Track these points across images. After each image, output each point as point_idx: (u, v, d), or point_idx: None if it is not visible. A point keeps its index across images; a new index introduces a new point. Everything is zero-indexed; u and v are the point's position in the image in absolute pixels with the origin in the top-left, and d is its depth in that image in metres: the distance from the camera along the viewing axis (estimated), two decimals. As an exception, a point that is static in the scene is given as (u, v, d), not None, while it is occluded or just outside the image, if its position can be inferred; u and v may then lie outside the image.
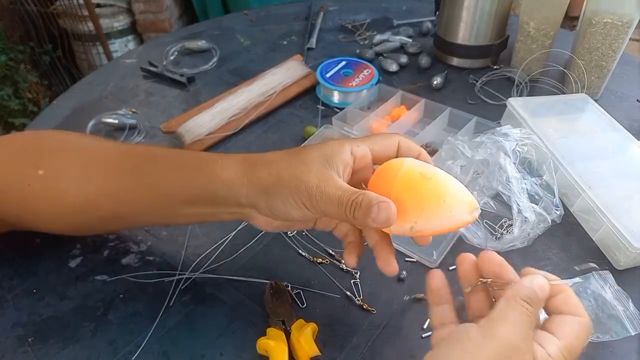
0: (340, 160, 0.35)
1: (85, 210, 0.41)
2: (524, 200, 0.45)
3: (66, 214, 0.42)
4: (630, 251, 0.44)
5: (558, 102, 0.63)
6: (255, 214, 0.38)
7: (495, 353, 0.27)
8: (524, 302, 0.29)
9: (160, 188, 0.40)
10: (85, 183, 0.40)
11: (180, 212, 0.40)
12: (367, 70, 0.71)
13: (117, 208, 0.41)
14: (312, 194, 0.34)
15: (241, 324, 0.43)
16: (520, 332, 0.28)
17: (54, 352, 0.41)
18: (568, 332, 0.29)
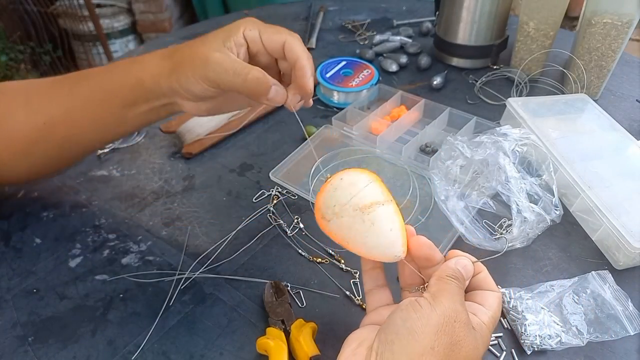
0: (234, 40, 0.40)
1: (40, 141, 0.44)
2: (523, 200, 0.45)
3: (23, 150, 0.44)
4: (630, 251, 0.44)
5: (557, 102, 0.63)
6: (181, 101, 0.42)
7: (444, 317, 0.31)
8: (451, 279, 0.34)
9: (98, 99, 0.44)
10: (32, 115, 0.43)
11: (124, 116, 0.44)
12: (367, 70, 0.71)
13: (68, 131, 0.44)
14: (209, 67, 0.38)
15: (241, 324, 0.43)
16: (457, 300, 0.32)
17: (54, 351, 0.41)
18: (492, 303, 0.34)
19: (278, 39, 0.40)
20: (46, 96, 0.44)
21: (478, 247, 0.45)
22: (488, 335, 0.33)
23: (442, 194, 0.47)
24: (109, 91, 0.43)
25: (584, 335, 0.41)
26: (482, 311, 0.34)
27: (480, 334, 0.32)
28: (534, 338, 0.40)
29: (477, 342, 0.32)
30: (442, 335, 0.31)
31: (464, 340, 0.31)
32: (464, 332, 0.31)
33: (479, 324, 0.33)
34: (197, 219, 0.53)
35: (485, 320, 0.33)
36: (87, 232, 0.52)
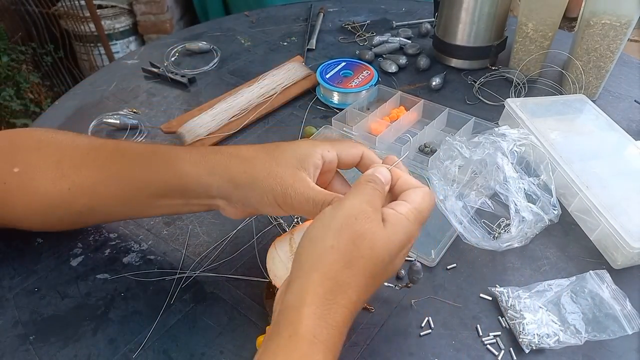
0: (312, 163, 0.38)
1: (61, 206, 0.43)
2: (522, 200, 0.45)
3: (42, 210, 0.44)
4: (628, 251, 0.45)
5: (556, 102, 0.64)
6: (226, 205, 0.41)
7: (343, 217, 0.32)
8: (367, 181, 0.35)
9: (130, 182, 0.41)
10: (59, 179, 0.42)
11: (152, 204, 0.42)
12: (367, 71, 0.71)
13: (91, 202, 0.43)
14: (287, 193, 0.37)
15: (241, 323, 0.43)
16: (363, 199, 0.33)
17: (55, 350, 0.42)
18: (414, 197, 0.36)
19: (355, 153, 0.41)
20: (78, 164, 0.42)
21: (476, 247, 0.46)
22: (408, 225, 0.34)
23: (441, 193, 0.48)
24: (140, 179, 0.41)
25: (582, 335, 0.41)
26: (401, 204, 0.35)
27: (393, 225, 0.33)
28: (532, 337, 0.41)
29: (388, 233, 0.33)
30: (343, 232, 0.32)
31: (368, 233, 0.32)
32: (367, 225, 0.32)
33: (394, 214, 0.34)
34: (197, 218, 0.54)
35: (403, 210, 0.34)
36: (88, 232, 0.52)
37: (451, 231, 0.50)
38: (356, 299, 0.32)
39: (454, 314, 0.44)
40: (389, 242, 0.33)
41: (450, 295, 0.45)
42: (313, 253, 0.32)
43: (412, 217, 0.34)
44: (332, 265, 0.31)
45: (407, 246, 0.35)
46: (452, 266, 0.48)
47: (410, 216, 0.34)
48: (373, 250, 0.32)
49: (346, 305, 0.31)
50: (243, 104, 0.67)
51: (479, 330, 0.42)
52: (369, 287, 0.33)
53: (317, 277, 0.31)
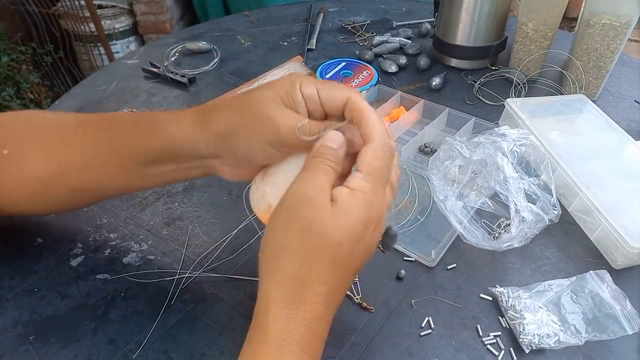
0: (295, 99, 0.35)
1: (54, 185, 0.42)
2: (522, 200, 0.45)
3: (36, 191, 0.43)
4: (628, 251, 0.45)
5: (556, 102, 0.64)
6: (220, 165, 0.39)
7: (287, 210, 0.30)
8: (313, 156, 0.32)
9: (119, 152, 0.40)
10: (48, 158, 0.41)
11: (145, 173, 0.41)
12: (367, 71, 0.71)
13: (83, 179, 0.42)
14: (281, 132, 0.34)
15: (241, 323, 0.43)
16: (307, 182, 0.31)
17: (55, 350, 0.42)
18: (364, 160, 0.31)
19: (339, 96, 0.35)
20: (66, 140, 0.42)
21: (476, 247, 0.46)
22: (363, 198, 0.30)
23: (441, 193, 0.48)
24: (129, 148, 0.40)
25: (582, 335, 0.41)
26: (354, 176, 0.31)
27: (343, 204, 0.30)
28: (532, 337, 0.41)
29: (338, 214, 0.30)
30: (290, 227, 0.30)
31: (315, 221, 0.30)
32: (312, 212, 0.30)
33: (344, 192, 0.31)
34: (197, 218, 0.54)
35: (355, 183, 0.31)
36: (88, 232, 0.52)
37: (451, 231, 0.50)
38: (326, 291, 0.30)
39: (454, 314, 0.44)
40: (342, 223, 0.30)
41: (451, 295, 0.45)
42: (269, 255, 0.31)
43: (367, 186, 0.31)
44: (288, 264, 0.30)
45: (372, 219, 0.31)
46: (452, 266, 0.48)
47: (364, 187, 0.31)
48: (325, 238, 0.30)
49: (315, 301, 0.30)
50: None
51: (479, 331, 0.42)
52: (338, 274, 0.31)
53: (277, 279, 0.30)
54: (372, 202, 0.31)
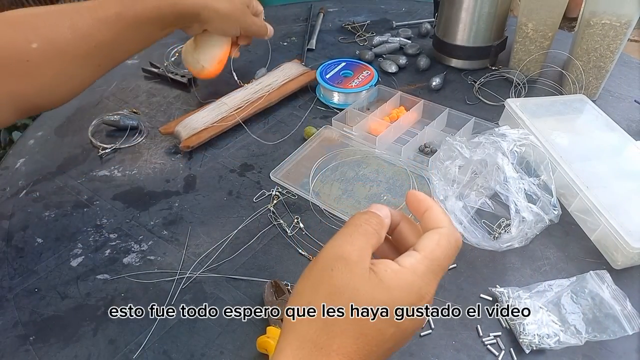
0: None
1: (90, 64, 0.48)
2: (522, 200, 0.45)
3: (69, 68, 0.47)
4: (628, 251, 0.45)
5: (556, 102, 0.64)
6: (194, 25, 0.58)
7: (319, 269, 0.28)
8: (357, 221, 0.30)
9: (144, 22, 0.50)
10: (80, 40, 0.46)
11: (156, 36, 0.53)
12: (367, 72, 0.71)
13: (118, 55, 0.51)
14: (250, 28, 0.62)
15: (241, 323, 0.43)
16: (347, 243, 0.28)
17: (55, 351, 0.42)
18: (427, 244, 0.29)
19: None
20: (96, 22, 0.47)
21: (477, 247, 0.46)
22: (413, 280, 0.28)
23: (441, 194, 0.48)
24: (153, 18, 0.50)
25: (583, 335, 0.41)
26: (409, 255, 0.29)
27: (383, 280, 0.28)
28: (532, 337, 0.41)
29: (375, 287, 0.27)
30: (319, 288, 0.28)
31: (347, 287, 0.27)
32: (346, 277, 0.27)
33: (390, 268, 0.28)
34: (197, 218, 0.54)
35: (408, 263, 0.28)
36: (88, 232, 0.52)
37: (451, 231, 0.49)
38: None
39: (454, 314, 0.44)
40: (376, 298, 0.27)
41: (451, 296, 0.45)
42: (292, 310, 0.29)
43: (421, 270, 0.28)
44: (309, 326, 0.28)
45: (414, 304, 0.28)
46: (453, 266, 0.48)
47: (417, 268, 0.28)
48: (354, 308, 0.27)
49: None
50: (238, 101, 0.67)
51: (479, 331, 0.42)
52: (362, 351, 0.27)
53: (295, 341, 0.28)
54: (421, 287, 0.28)
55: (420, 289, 0.28)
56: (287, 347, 0.28)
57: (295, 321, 0.28)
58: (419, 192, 0.33)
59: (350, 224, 0.30)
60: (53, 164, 0.62)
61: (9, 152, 0.65)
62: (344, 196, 0.55)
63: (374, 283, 0.28)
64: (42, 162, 0.63)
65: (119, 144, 0.64)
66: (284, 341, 0.28)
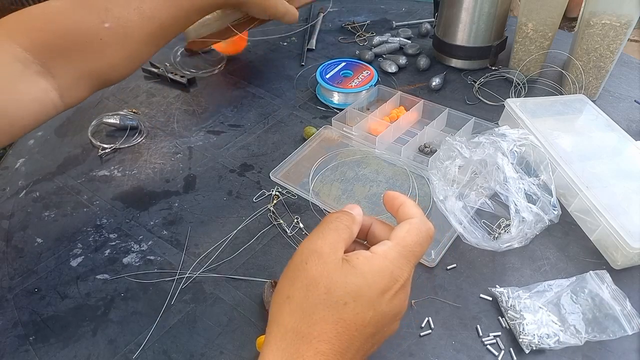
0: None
1: (151, 43, 0.51)
2: (522, 200, 0.45)
3: (137, 49, 0.50)
4: (628, 251, 0.45)
5: (556, 102, 0.64)
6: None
7: (295, 263, 0.30)
8: (330, 220, 0.32)
9: (194, 9, 0.54)
10: (147, 22, 0.49)
11: (193, 20, 0.56)
12: (367, 72, 0.71)
13: (170, 36, 0.53)
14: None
15: (241, 323, 0.43)
16: (319, 239, 0.31)
17: (55, 351, 0.42)
18: (397, 233, 0.32)
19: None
20: (159, 5, 0.50)
21: (476, 247, 0.46)
22: (385, 265, 0.30)
23: (441, 194, 0.48)
24: (201, 6, 0.54)
25: (582, 335, 0.41)
26: (381, 244, 0.31)
27: (356, 266, 0.30)
28: (532, 337, 0.41)
29: (348, 274, 0.29)
30: (295, 280, 0.30)
31: (321, 277, 0.29)
32: (320, 268, 0.29)
33: (362, 256, 0.30)
34: (197, 218, 0.54)
35: (380, 249, 0.31)
36: (88, 232, 0.52)
37: (451, 231, 0.50)
38: (328, 351, 0.28)
39: (454, 314, 0.44)
40: (349, 283, 0.29)
41: (450, 296, 0.45)
42: (274, 307, 0.31)
43: (393, 254, 0.31)
44: (289, 317, 0.29)
45: (390, 287, 0.30)
46: (452, 266, 0.48)
47: (388, 254, 0.31)
48: (330, 295, 0.29)
49: (314, 358, 0.28)
50: None
51: (479, 331, 0.42)
52: (344, 337, 0.29)
53: (278, 332, 0.29)
54: (392, 271, 0.30)
55: (392, 272, 0.30)
56: (271, 339, 0.29)
57: (277, 314, 0.30)
58: (393, 191, 0.36)
59: (323, 222, 0.33)
60: (53, 164, 0.62)
61: (9, 152, 0.65)
62: (344, 196, 0.55)
63: (346, 270, 0.30)
64: (42, 162, 0.63)
65: (119, 144, 0.64)
66: (269, 335, 0.30)
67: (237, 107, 0.71)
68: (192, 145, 0.64)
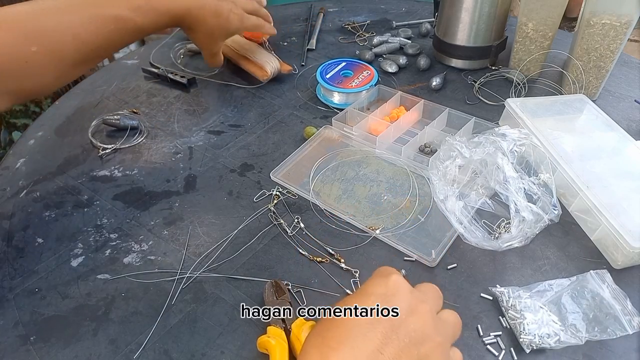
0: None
1: (84, 64, 0.51)
2: (522, 200, 0.45)
3: (68, 71, 0.51)
4: (628, 250, 0.45)
5: (556, 102, 0.64)
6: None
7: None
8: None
9: (128, 34, 0.54)
10: (82, 45, 0.49)
11: (131, 41, 0.56)
12: (367, 71, 0.71)
13: (105, 56, 0.54)
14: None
15: (242, 323, 0.43)
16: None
17: (56, 351, 0.42)
18: None
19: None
20: (94, 30, 0.50)
21: (476, 247, 0.46)
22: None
23: (441, 193, 0.48)
24: (140, 31, 0.54)
25: (583, 334, 0.41)
26: None
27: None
28: (532, 337, 0.41)
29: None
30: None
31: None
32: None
33: None
34: (198, 218, 0.54)
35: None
36: (88, 232, 0.52)
37: (451, 231, 0.50)
38: None
39: (454, 314, 0.44)
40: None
41: (451, 295, 0.45)
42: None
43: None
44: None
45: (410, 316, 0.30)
46: (453, 266, 0.48)
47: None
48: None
49: None
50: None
51: (480, 330, 0.42)
52: None
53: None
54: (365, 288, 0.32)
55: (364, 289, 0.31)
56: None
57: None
58: None
59: None
60: (53, 164, 0.62)
61: (9, 152, 0.65)
62: (344, 196, 0.55)
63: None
64: (43, 162, 0.63)
65: (119, 144, 0.64)
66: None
67: (237, 107, 0.71)
68: (192, 145, 0.64)
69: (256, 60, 0.74)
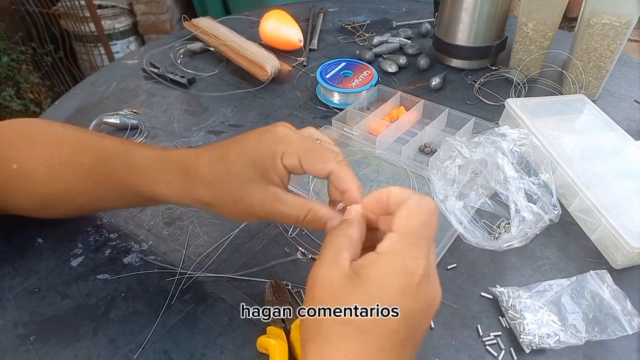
0: (278, 174, 0.35)
1: (62, 200, 0.46)
2: (522, 200, 0.45)
3: (45, 203, 0.47)
4: (628, 251, 0.45)
5: (556, 102, 0.64)
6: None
7: (307, 294, 0.29)
8: (329, 233, 0.31)
9: (117, 189, 0.43)
10: (54, 180, 0.44)
11: (139, 203, 0.49)
12: (367, 71, 0.71)
13: (87, 200, 0.46)
14: (260, 215, 0.36)
15: (241, 323, 0.43)
16: (321, 259, 0.30)
17: (55, 351, 0.42)
18: (396, 221, 0.29)
19: (323, 169, 0.35)
20: (68, 166, 0.43)
21: (476, 247, 0.46)
22: (388, 262, 0.28)
23: (441, 193, 0.48)
24: (125, 188, 0.42)
25: (583, 334, 0.41)
26: (387, 238, 0.29)
27: (365, 273, 0.28)
28: (532, 337, 0.41)
29: (356, 286, 0.28)
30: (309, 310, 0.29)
31: (330, 299, 0.28)
32: (326, 289, 0.28)
33: (368, 261, 0.28)
34: (198, 218, 0.54)
35: (383, 248, 0.28)
36: (88, 232, 0.52)
37: (451, 231, 0.50)
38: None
39: (454, 314, 0.44)
40: (361, 296, 0.27)
41: (451, 296, 0.45)
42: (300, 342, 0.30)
43: (398, 247, 0.28)
44: (312, 345, 0.28)
45: (411, 282, 0.28)
46: (453, 266, 0.48)
47: (395, 248, 0.28)
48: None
49: None
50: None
51: (480, 331, 0.42)
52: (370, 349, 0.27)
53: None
54: (404, 265, 0.28)
55: (404, 266, 0.28)
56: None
57: (303, 345, 0.30)
58: (373, 193, 0.33)
59: (332, 242, 0.31)
60: (53, 164, 0.62)
61: (10, 152, 0.65)
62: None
63: (354, 282, 0.28)
64: (43, 162, 0.62)
65: (119, 144, 0.64)
66: None
67: (237, 107, 0.71)
68: (192, 145, 0.64)
69: (256, 60, 0.74)
